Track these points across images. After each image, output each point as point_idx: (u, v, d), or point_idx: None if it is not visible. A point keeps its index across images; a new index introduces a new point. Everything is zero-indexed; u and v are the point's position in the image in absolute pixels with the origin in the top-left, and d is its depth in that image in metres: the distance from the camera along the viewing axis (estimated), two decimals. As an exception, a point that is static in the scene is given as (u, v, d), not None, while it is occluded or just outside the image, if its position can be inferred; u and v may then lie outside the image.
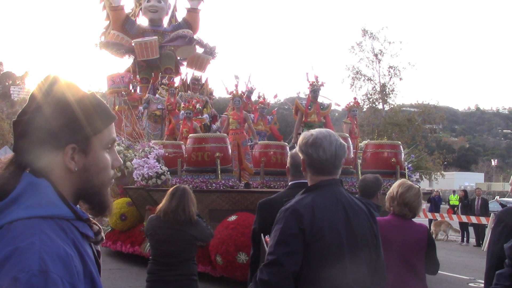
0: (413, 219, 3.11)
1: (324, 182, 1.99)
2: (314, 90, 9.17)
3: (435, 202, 17.11)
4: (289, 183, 2.71)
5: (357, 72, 29.12)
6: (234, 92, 9.90)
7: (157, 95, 13.39)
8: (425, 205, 17.15)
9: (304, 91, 27.70)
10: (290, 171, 2.70)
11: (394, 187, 3.08)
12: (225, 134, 9.00)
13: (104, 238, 1.16)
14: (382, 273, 2.05)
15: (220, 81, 43.79)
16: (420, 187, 3.74)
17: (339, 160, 2.00)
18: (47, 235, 0.93)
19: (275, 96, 14.23)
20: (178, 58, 15.75)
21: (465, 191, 15.96)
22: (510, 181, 3.25)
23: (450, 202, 19.46)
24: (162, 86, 13.63)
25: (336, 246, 1.87)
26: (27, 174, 1.01)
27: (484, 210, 13.89)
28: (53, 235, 0.94)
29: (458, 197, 17.48)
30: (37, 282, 0.84)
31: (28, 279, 0.84)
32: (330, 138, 1.98)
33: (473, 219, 13.22)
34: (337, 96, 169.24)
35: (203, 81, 14.71)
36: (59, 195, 1.02)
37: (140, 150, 8.45)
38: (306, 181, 2.61)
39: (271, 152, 8.58)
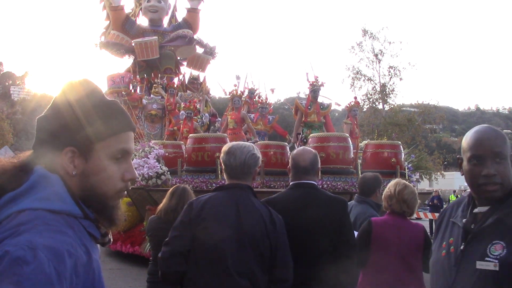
0: (409, 220, 3.13)
1: (229, 185, 2.37)
2: (314, 90, 9.18)
3: (436, 202, 17.10)
4: (290, 183, 2.75)
5: (357, 72, 29.02)
6: (234, 92, 9.93)
7: (151, 95, 13.40)
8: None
9: (304, 91, 27.66)
10: (291, 172, 2.74)
11: (390, 186, 3.12)
12: (225, 134, 9.02)
13: (111, 240, 1.15)
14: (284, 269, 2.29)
15: (217, 82, 43.93)
16: (415, 186, 3.78)
17: (247, 167, 2.34)
18: (50, 226, 0.96)
19: (272, 91, 14.29)
20: (178, 58, 15.76)
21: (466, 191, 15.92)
22: None
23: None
24: (157, 85, 13.63)
25: (220, 237, 2.19)
26: (40, 168, 1.04)
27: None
28: (57, 228, 0.97)
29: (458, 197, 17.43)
30: (23, 255, 0.88)
31: (15, 251, 0.88)
32: (243, 149, 2.36)
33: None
34: (337, 96, 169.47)
35: (201, 80, 14.73)
36: (69, 192, 1.04)
37: (140, 150, 8.44)
38: (307, 181, 2.65)
39: (271, 152, 8.54)
